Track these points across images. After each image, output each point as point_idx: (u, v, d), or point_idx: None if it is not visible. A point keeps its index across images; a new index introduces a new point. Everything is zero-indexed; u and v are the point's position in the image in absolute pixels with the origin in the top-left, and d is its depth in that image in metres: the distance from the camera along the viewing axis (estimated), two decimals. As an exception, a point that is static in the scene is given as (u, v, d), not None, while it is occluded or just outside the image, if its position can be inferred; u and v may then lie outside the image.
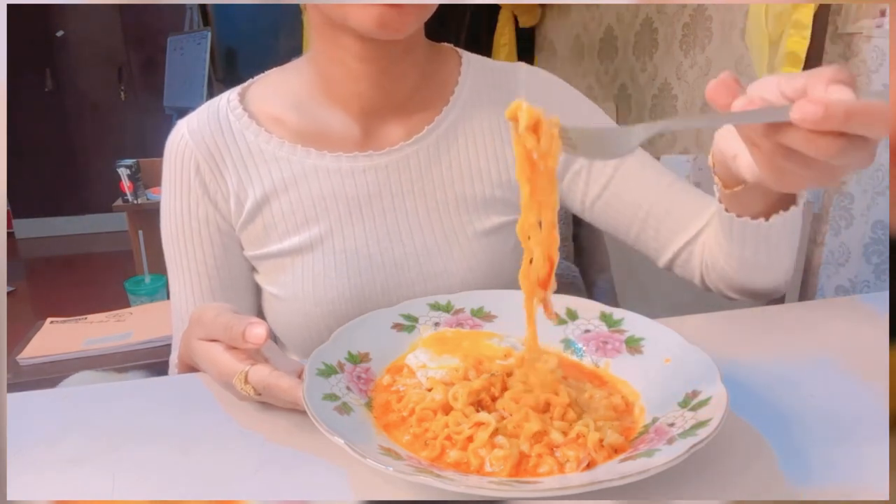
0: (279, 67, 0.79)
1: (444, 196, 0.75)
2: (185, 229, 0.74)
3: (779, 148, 0.41)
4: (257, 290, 0.79)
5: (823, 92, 0.37)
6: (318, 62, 0.72)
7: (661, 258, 0.80)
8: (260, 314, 0.80)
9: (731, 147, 0.55)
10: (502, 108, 0.76)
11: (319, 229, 0.73)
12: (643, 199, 0.77)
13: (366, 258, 0.73)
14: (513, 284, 0.75)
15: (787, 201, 0.63)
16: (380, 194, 0.73)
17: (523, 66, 0.80)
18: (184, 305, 0.76)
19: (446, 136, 0.75)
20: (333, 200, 0.73)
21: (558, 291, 0.63)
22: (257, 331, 0.50)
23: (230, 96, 0.76)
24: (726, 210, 0.64)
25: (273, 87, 0.76)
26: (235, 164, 0.73)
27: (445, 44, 0.80)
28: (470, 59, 0.80)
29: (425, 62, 0.75)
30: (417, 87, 0.74)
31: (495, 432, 0.45)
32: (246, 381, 0.50)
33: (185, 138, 0.74)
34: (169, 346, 0.80)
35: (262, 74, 0.80)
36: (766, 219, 0.63)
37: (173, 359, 0.77)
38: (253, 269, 0.78)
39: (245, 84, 0.78)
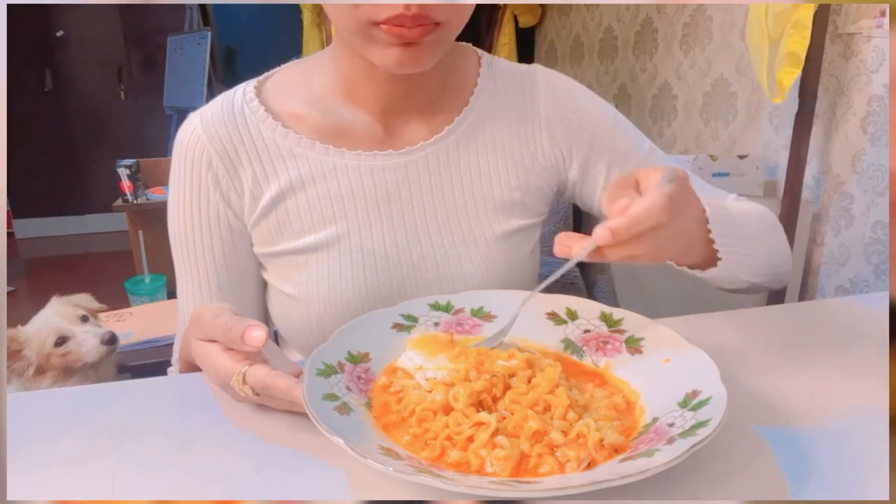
0: (300, 60, 0.77)
1: (462, 198, 0.75)
2: (195, 225, 0.73)
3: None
4: (264, 289, 0.78)
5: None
6: (341, 65, 0.71)
7: None
8: (265, 313, 0.79)
9: None
10: (519, 113, 0.77)
11: (336, 228, 0.72)
12: None
13: (383, 259, 0.72)
14: (530, 288, 0.75)
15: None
16: (398, 194, 0.73)
17: (540, 70, 0.79)
18: (190, 302, 0.75)
19: (465, 137, 0.75)
20: (351, 199, 0.72)
21: (558, 292, 0.64)
22: (256, 333, 0.50)
23: (245, 89, 0.74)
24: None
25: (292, 82, 0.75)
26: (251, 160, 0.72)
27: (465, 43, 0.79)
28: (490, 61, 0.79)
29: (448, 64, 0.75)
30: (440, 89, 0.74)
31: (496, 432, 0.45)
32: (244, 382, 0.50)
33: (197, 131, 0.72)
34: (169, 345, 0.80)
35: (279, 68, 0.78)
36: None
37: (174, 361, 0.77)
38: (261, 267, 0.77)
39: (262, 77, 0.76)
